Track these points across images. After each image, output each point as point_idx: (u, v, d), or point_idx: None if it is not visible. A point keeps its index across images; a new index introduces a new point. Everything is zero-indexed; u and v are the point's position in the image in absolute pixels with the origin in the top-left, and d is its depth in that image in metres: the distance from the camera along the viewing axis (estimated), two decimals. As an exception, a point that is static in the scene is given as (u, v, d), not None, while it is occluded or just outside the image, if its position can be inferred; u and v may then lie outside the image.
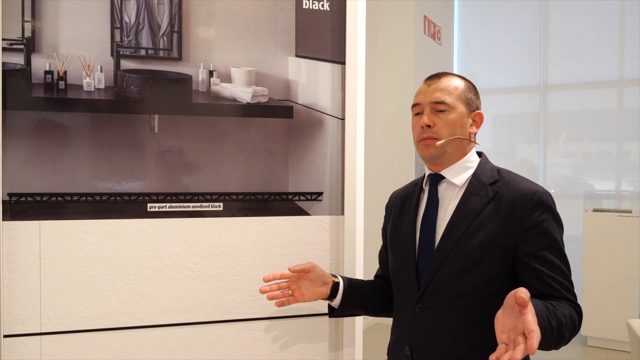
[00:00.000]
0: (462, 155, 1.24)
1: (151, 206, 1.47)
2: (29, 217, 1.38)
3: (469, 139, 1.24)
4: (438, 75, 1.25)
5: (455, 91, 1.22)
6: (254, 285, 1.54)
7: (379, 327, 4.51)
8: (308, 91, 1.58)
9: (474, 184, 1.20)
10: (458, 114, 1.21)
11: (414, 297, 1.22)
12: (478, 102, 1.27)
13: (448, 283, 1.17)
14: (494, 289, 1.14)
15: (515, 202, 1.14)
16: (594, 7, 4.96)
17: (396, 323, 1.31)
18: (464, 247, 1.15)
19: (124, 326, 1.44)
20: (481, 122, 1.26)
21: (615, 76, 4.95)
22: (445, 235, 1.18)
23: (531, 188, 1.16)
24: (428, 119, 1.21)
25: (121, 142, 1.44)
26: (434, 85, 1.23)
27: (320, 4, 1.59)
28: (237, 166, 1.53)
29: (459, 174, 1.23)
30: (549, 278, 1.11)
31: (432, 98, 1.21)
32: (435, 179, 1.26)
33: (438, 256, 1.18)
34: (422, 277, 1.21)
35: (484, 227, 1.15)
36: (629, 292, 3.85)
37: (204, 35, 1.50)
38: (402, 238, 1.28)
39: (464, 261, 1.15)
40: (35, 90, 1.38)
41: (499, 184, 1.19)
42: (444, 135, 1.20)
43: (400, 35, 4.67)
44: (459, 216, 1.18)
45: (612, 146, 5.01)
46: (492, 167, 1.25)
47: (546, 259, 1.12)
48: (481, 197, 1.18)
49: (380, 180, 4.65)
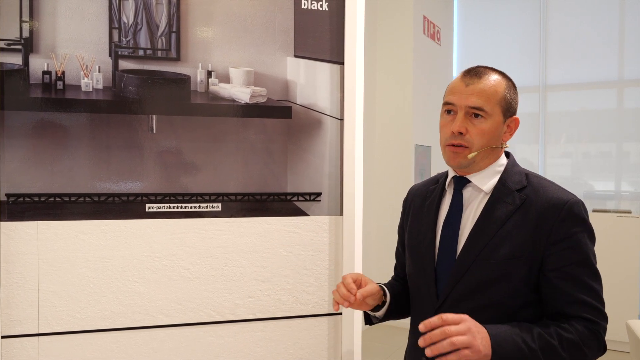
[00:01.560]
0: (492, 162, 1.16)
1: (149, 207, 1.47)
2: (27, 218, 1.38)
3: (501, 146, 1.16)
4: (478, 73, 1.13)
5: (494, 96, 1.11)
6: (252, 286, 1.54)
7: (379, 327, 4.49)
8: (307, 91, 1.58)
9: (500, 189, 1.13)
10: (494, 123, 1.11)
11: (433, 307, 1.15)
12: (516, 103, 1.17)
13: (469, 295, 1.10)
14: (518, 302, 1.08)
15: (545, 212, 1.07)
16: (593, 7, 4.96)
17: (413, 330, 1.25)
18: (488, 258, 1.08)
19: (122, 327, 1.44)
20: (516, 128, 1.17)
21: (615, 76, 4.95)
22: (468, 244, 1.11)
23: (562, 197, 1.09)
24: (461, 124, 1.10)
25: (119, 143, 1.44)
26: (472, 86, 1.11)
27: (318, 4, 1.58)
28: (236, 167, 1.53)
29: (486, 179, 1.15)
30: (567, 296, 1.05)
31: (469, 102, 1.10)
32: (460, 182, 1.18)
33: (459, 266, 1.11)
34: (441, 285, 1.14)
35: (509, 238, 1.08)
36: (629, 292, 3.85)
37: (202, 35, 1.50)
38: (421, 241, 1.21)
39: (487, 273, 1.08)
40: (33, 91, 1.37)
41: (527, 190, 1.11)
42: (476, 145, 1.11)
43: (399, 36, 4.67)
44: (483, 224, 1.11)
45: (612, 146, 5.00)
46: (520, 170, 1.17)
47: (571, 274, 1.05)
48: (507, 204, 1.10)
49: (379, 181, 4.64)
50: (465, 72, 1.15)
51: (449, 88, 1.17)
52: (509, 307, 1.09)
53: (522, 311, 1.09)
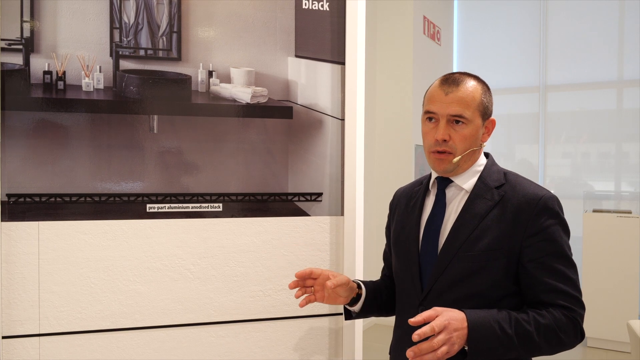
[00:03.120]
0: (473, 162, 1.22)
1: (150, 207, 1.46)
2: (28, 218, 1.37)
3: (480, 147, 1.22)
4: (456, 82, 1.18)
5: (473, 102, 1.16)
6: (253, 286, 1.54)
7: (379, 327, 4.50)
8: (307, 91, 1.58)
9: (480, 187, 1.19)
10: (474, 127, 1.17)
11: (417, 299, 1.20)
12: (492, 105, 1.22)
13: (451, 286, 1.16)
14: (498, 293, 1.14)
15: (521, 207, 1.13)
16: (593, 7, 4.96)
17: (398, 323, 1.30)
18: (468, 250, 1.14)
19: (123, 327, 1.44)
20: (493, 128, 1.23)
21: (615, 77, 4.95)
22: (450, 239, 1.17)
23: (537, 193, 1.15)
24: (444, 132, 1.16)
25: (120, 143, 1.44)
26: (452, 95, 1.16)
27: (319, 4, 1.58)
28: (237, 167, 1.53)
29: (467, 178, 1.22)
30: (544, 285, 1.11)
31: (450, 111, 1.16)
32: (443, 182, 1.24)
33: (442, 259, 1.17)
34: (425, 279, 1.20)
35: (488, 232, 1.14)
36: (629, 292, 3.85)
37: (203, 35, 1.50)
38: (405, 239, 1.27)
39: (468, 265, 1.14)
40: (34, 91, 1.37)
41: (505, 187, 1.18)
42: (459, 150, 1.17)
43: (399, 36, 4.67)
44: (463, 219, 1.17)
45: (612, 147, 5.01)
46: (499, 169, 1.24)
47: (547, 265, 1.11)
48: (486, 200, 1.17)
49: (379, 181, 4.64)
50: (443, 80, 1.20)
51: (429, 96, 1.22)
52: (490, 298, 1.14)
53: (502, 302, 1.14)
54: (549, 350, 1.10)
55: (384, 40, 4.75)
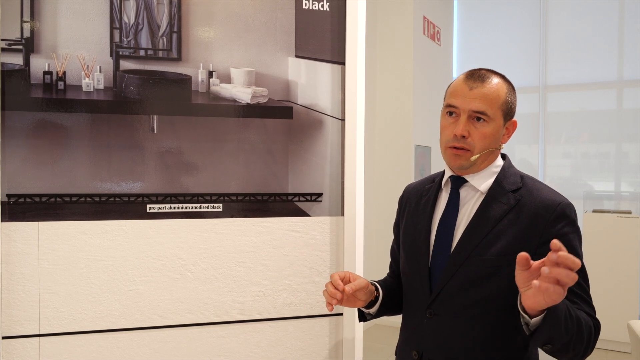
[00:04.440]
0: (490, 163, 1.19)
1: (150, 207, 1.46)
2: (28, 218, 1.37)
3: (499, 148, 1.19)
4: (481, 77, 1.14)
5: (497, 100, 1.13)
6: (253, 287, 1.54)
7: (379, 328, 4.50)
8: (308, 92, 1.58)
9: (496, 190, 1.15)
10: (495, 126, 1.14)
11: (425, 302, 1.17)
12: (515, 107, 1.19)
13: (461, 290, 1.12)
14: (509, 300, 1.08)
15: (537, 213, 1.10)
16: (593, 7, 4.96)
17: (405, 324, 1.28)
18: (481, 254, 1.11)
19: (123, 328, 1.44)
20: (514, 130, 1.19)
21: (615, 77, 4.95)
22: (462, 241, 1.13)
23: (555, 199, 1.11)
24: (464, 128, 1.12)
25: (120, 143, 1.44)
26: (476, 90, 1.12)
27: (320, 4, 1.58)
28: (237, 167, 1.53)
29: (483, 179, 1.18)
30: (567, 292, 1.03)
31: (473, 106, 1.11)
32: (457, 182, 1.20)
33: (453, 262, 1.13)
34: (435, 281, 1.16)
35: (502, 236, 1.10)
36: (629, 293, 3.85)
37: (203, 35, 1.49)
38: (416, 237, 1.23)
39: (480, 269, 1.11)
40: (34, 91, 1.37)
41: (522, 191, 1.14)
42: (478, 148, 1.13)
43: (399, 36, 4.67)
44: (477, 222, 1.13)
45: (612, 147, 5.01)
46: (516, 172, 1.20)
47: None
48: (502, 204, 1.13)
49: (380, 181, 4.64)
50: (469, 75, 1.16)
51: (451, 90, 1.17)
52: (501, 303, 1.10)
53: (513, 308, 1.09)
54: (582, 348, 1.01)
55: (384, 40, 4.75)
